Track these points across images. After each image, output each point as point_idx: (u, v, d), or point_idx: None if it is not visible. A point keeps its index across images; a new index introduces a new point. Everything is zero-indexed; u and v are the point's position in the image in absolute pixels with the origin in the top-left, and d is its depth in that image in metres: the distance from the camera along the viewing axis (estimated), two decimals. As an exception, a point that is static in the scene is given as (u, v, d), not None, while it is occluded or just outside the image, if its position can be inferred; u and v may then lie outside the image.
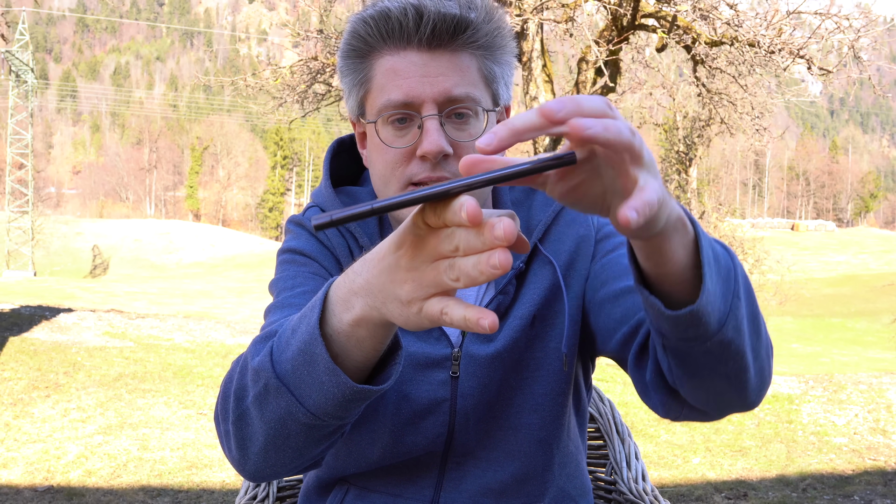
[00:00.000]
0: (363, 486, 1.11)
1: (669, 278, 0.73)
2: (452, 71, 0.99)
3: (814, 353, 17.45)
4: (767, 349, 0.86)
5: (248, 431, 0.83)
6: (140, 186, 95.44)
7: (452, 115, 1.00)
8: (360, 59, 1.04)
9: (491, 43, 1.02)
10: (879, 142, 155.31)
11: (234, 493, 4.18)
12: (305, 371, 0.75)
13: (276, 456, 0.84)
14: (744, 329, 0.78)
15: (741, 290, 0.77)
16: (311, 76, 9.21)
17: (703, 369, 0.80)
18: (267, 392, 0.79)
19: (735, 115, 9.05)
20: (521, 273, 1.11)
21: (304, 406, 0.77)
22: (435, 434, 1.07)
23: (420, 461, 1.08)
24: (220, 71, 44.40)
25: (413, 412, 1.06)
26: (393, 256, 0.64)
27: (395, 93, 0.99)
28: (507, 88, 1.08)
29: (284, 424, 0.79)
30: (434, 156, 0.98)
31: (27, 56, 42.14)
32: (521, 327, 1.08)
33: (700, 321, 0.73)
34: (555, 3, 7.67)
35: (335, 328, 0.72)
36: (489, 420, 1.08)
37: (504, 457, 1.09)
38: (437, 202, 0.59)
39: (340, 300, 0.71)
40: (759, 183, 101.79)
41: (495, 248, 0.57)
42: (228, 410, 0.85)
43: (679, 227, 0.69)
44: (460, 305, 0.60)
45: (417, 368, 1.07)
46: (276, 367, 0.78)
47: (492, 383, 1.07)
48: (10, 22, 38.02)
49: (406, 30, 0.98)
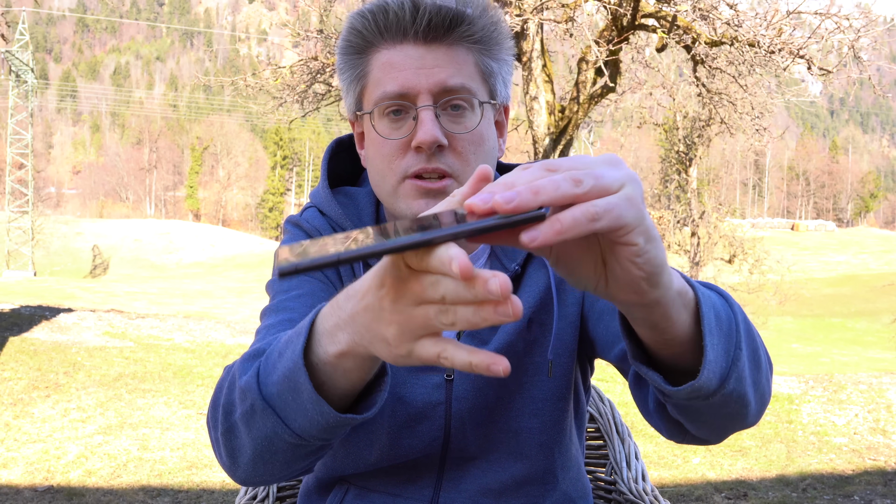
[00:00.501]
0: (363, 486, 1.11)
1: (669, 346, 0.72)
2: (448, 63, 1.00)
3: (814, 353, 17.45)
4: (767, 374, 0.85)
5: (237, 444, 0.84)
6: (140, 186, 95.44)
7: (448, 106, 1.00)
8: (357, 55, 1.04)
9: (488, 38, 1.02)
10: (879, 142, 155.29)
11: (234, 493, 4.18)
12: (290, 397, 0.75)
13: (264, 467, 0.84)
14: (746, 375, 0.77)
15: (743, 340, 0.76)
16: (311, 76, 9.21)
17: (705, 415, 0.80)
18: (254, 412, 0.79)
19: (735, 115, 9.05)
20: (517, 275, 1.10)
21: (290, 428, 0.77)
22: (431, 437, 1.07)
23: (419, 463, 1.08)
24: (220, 71, 44.41)
25: (409, 415, 1.06)
26: (374, 296, 0.61)
27: (391, 84, 0.99)
28: (504, 86, 1.08)
29: (271, 442, 0.80)
30: (429, 146, 0.98)
31: (27, 56, 42.14)
32: (515, 330, 1.07)
33: (701, 390, 0.73)
34: (555, 3, 7.67)
35: (321, 358, 0.71)
36: (487, 424, 1.08)
37: (504, 458, 1.09)
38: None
39: (326, 332, 0.70)
40: (759, 183, 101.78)
41: (489, 304, 0.53)
42: (218, 422, 0.86)
43: (681, 294, 0.68)
44: (461, 350, 0.57)
45: (412, 372, 1.07)
46: (262, 388, 0.78)
47: (487, 387, 1.07)
48: (10, 22, 38.01)
49: (403, 23, 0.98)
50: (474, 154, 1.02)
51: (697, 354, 0.72)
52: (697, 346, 0.72)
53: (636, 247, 0.58)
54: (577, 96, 8.45)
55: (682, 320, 0.69)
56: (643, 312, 0.67)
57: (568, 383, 1.11)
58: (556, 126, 8.60)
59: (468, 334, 1.08)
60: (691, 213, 14.63)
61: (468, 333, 1.08)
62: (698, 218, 14.63)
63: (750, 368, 0.78)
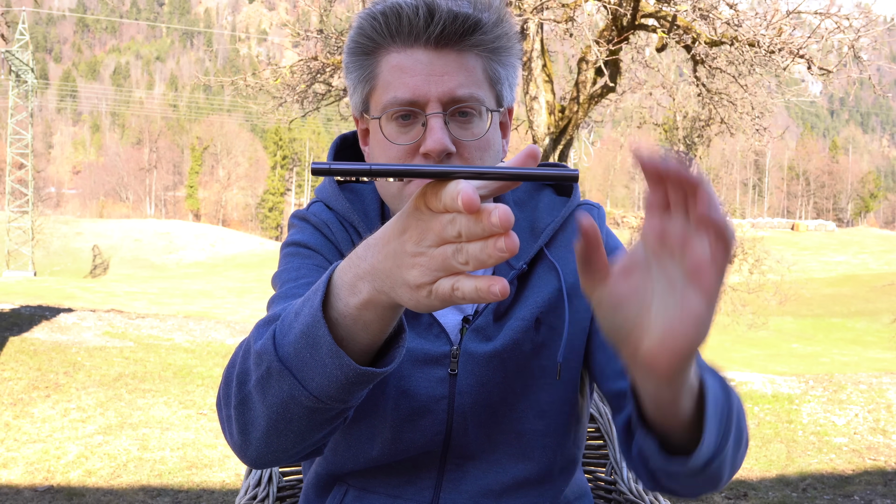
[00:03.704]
0: (362, 487, 1.11)
1: (665, 419, 0.81)
2: (458, 70, 1.00)
3: (814, 353, 17.45)
4: (744, 451, 0.93)
5: (251, 416, 0.83)
6: (140, 186, 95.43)
7: (456, 113, 1.01)
8: (366, 56, 1.04)
9: (498, 45, 1.03)
10: (879, 142, 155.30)
11: (234, 493, 4.18)
12: (308, 354, 0.74)
13: (277, 441, 0.84)
14: (728, 456, 0.85)
15: (732, 427, 0.84)
16: (311, 76, 9.21)
17: (684, 480, 0.89)
18: (269, 375, 0.78)
19: (735, 115, 9.04)
20: (524, 274, 1.10)
21: (307, 389, 0.76)
22: (433, 432, 1.06)
23: (419, 461, 1.08)
24: (220, 71, 44.41)
25: (411, 409, 1.05)
26: (398, 241, 0.64)
27: (402, 90, 0.99)
28: (510, 90, 1.08)
29: (287, 408, 0.79)
30: (437, 153, 0.98)
31: (27, 56, 42.15)
32: (522, 329, 1.07)
33: (691, 468, 0.82)
34: (555, 3, 7.66)
35: (341, 312, 0.72)
36: (490, 425, 1.08)
37: (505, 459, 1.09)
38: (437, 185, 0.60)
39: (346, 284, 0.71)
40: (759, 183, 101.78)
41: (495, 236, 0.58)
42: (231, 395, 0.85)
43: (692, 386, 0.76)
44: (470, 278, 0.61)
45: (416, 365, 1.06)
46: (278, 350, 0.77)
47: (491, 383, 1.07)
48: (10, 22, 38.03)
49: (416, 28, 0.98)
50: (480, 160, 1.02)
51: (690, 432, 0.81)
52: (692, 426, 0.80)
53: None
54: (577, 96, 8.45)
55: (685, 406, 0.77)
56: (655, 388, 0.75)
57: (574, 387, 1.11)
58: (556, 126, 8.60)
59: (473, 331, 1.08)
60: (691, 214, 14.62)
61: (473, 330, 1.08)
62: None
63: (733, 450, 0.87)
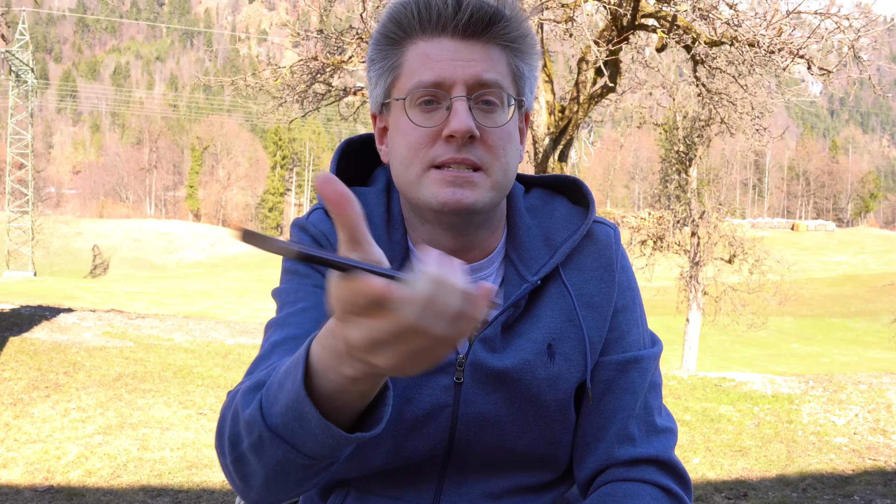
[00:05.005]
0: (363, 489, 1.11)
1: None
2: (484, 59, 1.01)
3: (814, 353, 17.46)
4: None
5: (248, 470, 0.85)
6: (140, 186, 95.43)
7: (480, 100, 1.01)
8: (392, 46, 1.04)
9: (521, 41, 1.04)
10: (879, 142, 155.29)
11: (233, 493, 4.17)
12: (297, 426, 0.76)
13: (278, 488, 0.86)
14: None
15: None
16: (311, 76, 9.20)
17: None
18: (262, 442, 0.80)
19: (735, 115, 9.04)
20: (536, 290, 1.09)
21: (302, 452, 0.78)
22: (437, 439, 1.06)
23: (421, 466, 1.08)
24: (220, 71, 44.38)
25: (416, 417, 1.05)
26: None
27: (427, 74, 1.00)
28: (531, 93, 1.09)
29: (283, 467, 0.81)
30: (462, 135, 0.98)
31: (27, 56, 42.17)
32: (534, 350, 1.06)
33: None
34: (555, 3, 7.67)
35: (325, 387, 0.73)
36: (495, 440, 1.07)
37: (508, 470, 1.09)
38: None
39: (327, 367, 0.71)
40: (759, 183, 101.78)
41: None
42: (226, 451, 0.86)
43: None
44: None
45: (422, 373, 1.06)
46: (266, 420, 0.79)
47: (499, 400, 1.06)
48: (10, 22, 37.98)
49: (444, 17, 1.00)
50: (503, 149, 1.02)
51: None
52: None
53: None
54: (577, 96, 8.45)
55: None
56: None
57: (588, 410, 1.11)
58: (556, 126, 8.60)
59: (481, 341, 1.07)
60: (691, 213, 14.58)
61: (480, 340, 1.07)
62: (698, 218, 14.59)
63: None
